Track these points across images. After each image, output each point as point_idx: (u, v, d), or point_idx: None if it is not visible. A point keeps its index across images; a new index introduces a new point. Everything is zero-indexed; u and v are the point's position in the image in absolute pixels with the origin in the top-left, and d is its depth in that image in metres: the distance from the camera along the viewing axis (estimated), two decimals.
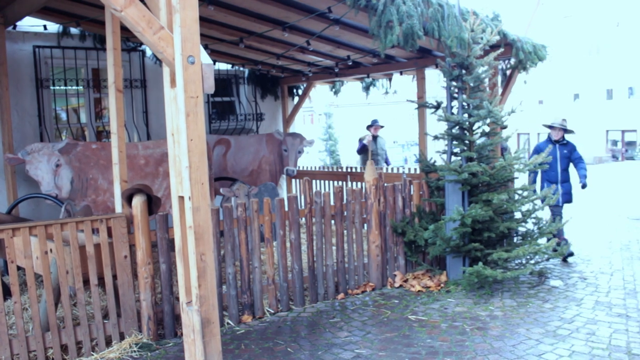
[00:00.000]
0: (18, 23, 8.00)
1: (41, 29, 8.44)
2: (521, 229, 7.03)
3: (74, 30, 8.67)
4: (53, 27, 8.52)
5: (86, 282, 5.03)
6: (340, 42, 8.42)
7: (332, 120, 42.64)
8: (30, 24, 8.30)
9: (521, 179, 7.49)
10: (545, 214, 7.30)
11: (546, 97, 39.51)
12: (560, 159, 7.69)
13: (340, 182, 10.39)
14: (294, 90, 12.06)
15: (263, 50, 9.19)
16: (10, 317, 5.39)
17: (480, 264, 6.17)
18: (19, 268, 4.89)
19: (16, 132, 7.98)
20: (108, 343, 5.10)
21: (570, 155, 7.78)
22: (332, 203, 6.42)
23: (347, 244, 6.49)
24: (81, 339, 4.97)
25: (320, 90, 12.69)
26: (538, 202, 6.95)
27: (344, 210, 6.43)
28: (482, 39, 6.76)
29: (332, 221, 6.42)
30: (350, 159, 39.00)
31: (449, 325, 5.41)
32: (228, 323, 5.59)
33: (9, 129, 7.73)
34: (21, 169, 7.48)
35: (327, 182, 10.96)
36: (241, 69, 11.22)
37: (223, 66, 10.79)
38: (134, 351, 4.98)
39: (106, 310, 5.26)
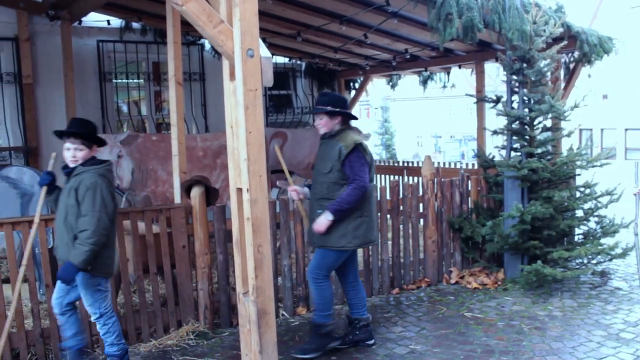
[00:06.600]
0: (83, 19, 8.28)
1: (105, 24, 8.69)
2: (583, 228, 6.82)
3: (135, 25, 8.89)
4: (116, 22, 8.76)
5: (145, 270, 5.16)
6: (398, 35, 8.34)
7: (388, 114, 42.37)
8: (94, 19, 8.56)
9: (583, 176, 7.13)
10: (609, 212, 6.95)
11: (611, 91, 38.11)
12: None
13: (396, 177, 10.30)
14: (351, 84, 12.02)
15: (320, 43, 9.20)
16: None
17: (540, 262, 6.02)
18: None
19: None
20: (166, 330, 5.21)
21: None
22: (388, 197, 6.38)
23: (403, 238, 6.43)
24: (140, 325, 5.10)
25: (376, 84, 12.62)
26: (602, 199, 6.71)
27: (400, 205, 6.37)
28: (544, 31, 6.56)
29: (388, 215, 6.37)
30: (406, 153, 38.75)
31: (505, 324, 5.30)
32: (283, 314, 5.63)
33: None
34: None
35: (383, 176, 10.89)
36: (298, 62, 11.27)
37: (280, 59, 10.85)
38: (191, 339, 5.07)
39: (164, 298, 5.38)
